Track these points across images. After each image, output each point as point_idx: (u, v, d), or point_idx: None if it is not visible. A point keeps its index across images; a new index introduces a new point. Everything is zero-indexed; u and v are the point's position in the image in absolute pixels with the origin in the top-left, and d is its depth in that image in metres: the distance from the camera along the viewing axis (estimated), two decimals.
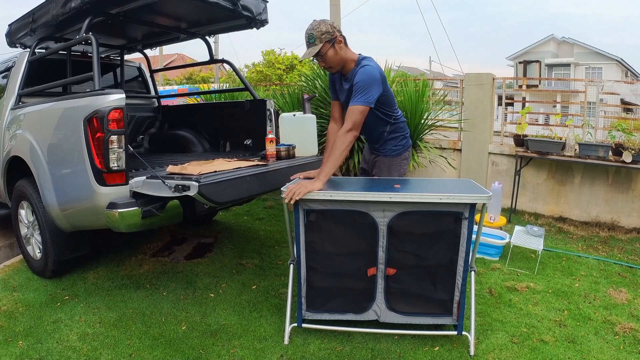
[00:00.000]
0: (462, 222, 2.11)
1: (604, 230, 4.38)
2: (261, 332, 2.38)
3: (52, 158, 2.65)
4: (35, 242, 3.04)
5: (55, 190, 2.64)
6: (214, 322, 2.48)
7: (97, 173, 2.33)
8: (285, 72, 16.88)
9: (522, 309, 2.64)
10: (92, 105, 2.33)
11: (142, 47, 4.24)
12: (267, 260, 3.40)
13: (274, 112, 3.62)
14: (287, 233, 2.45)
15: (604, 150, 4.22)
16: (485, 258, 3.47)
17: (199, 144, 4.05)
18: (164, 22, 3.49)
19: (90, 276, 3.06)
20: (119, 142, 2.33)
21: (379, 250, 2.20)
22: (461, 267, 2.17)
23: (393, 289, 2.25)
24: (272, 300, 2.73)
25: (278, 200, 5.29)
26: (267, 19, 3.38)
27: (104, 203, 2.35)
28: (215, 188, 2.24)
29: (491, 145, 5.26)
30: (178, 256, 3.49)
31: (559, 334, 2.37)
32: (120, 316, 2.54)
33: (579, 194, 4.72)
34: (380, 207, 2.13)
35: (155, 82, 4.64)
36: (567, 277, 3.15)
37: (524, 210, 5.04)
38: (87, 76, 2.58)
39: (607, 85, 5.73)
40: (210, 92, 6.01)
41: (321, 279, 2.28)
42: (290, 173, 2.61)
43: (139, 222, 2.36)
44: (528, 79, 12.95)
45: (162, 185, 2.23)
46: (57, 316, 2.53)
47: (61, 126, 2.58)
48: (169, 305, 2.67)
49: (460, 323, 2.24)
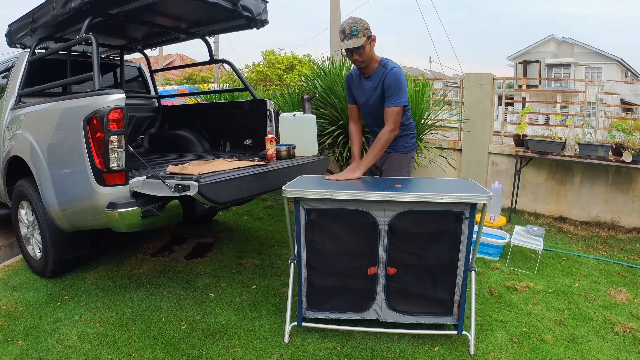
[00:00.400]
0: (463, 221, 2.11)
1: (604, 230, 4.38)
2: (261, 331, 2.38)
3: (52, 158, 2.65)
4: (35, 241, 3.04)
5: (55, 190, 2.64)
6: (214, 321, 2.48)
7: (97, 173, 2.33)
8: (285, 72, 16.89)
9: (522, 309, 2.64)
10: (92, 105, 2.33)
11: (142, 47, 4.24)
12: (267, 260, 3.40)
13: (274, 112, 3.62)
14: (288, 232, 2.45)
15: (604, 150, 4.22)
16: (486, 258, 3.47)
17: (199, 144, 4.05)
18: (164, 22, 3.49)
19: (90, 276, 3.06)
20: (119, 142, 2.33)
21: (379, 250, 2.20)
22: (461, 266, 2.18)
23: (393, 288, 2.25)
24: (272, 300, 2.73)
25: (278, 200, 5.30)
26: (267, 19, 3.39)
27: (104, 203, 2.35)
28: (215, 188, 2.24)
29: (491, 145, 5.26)
30: (178, 256, 3.49)
31: (559, 334, 2.37)
32: (120, 316, 2.54)
33: (579, 194, 4.72)
34: (381, 206, 2.13)
35: (155, 82, 4.64)
36: (567, 277, 3.15)
37: (524, 210, 5.04)
38: (87, 76, 2.58)
39: (607, 85, 5.73)
40: (210, 92, 6.01)
41: (322, 278, 2.28)
42: (290, 173, 2.61)
43: (139, 222, 2.36)
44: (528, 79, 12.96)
45: (162, 185, 2.23)
46: (57, 316, 2.53)
47: (61, 126, 2.58)
48: (169, 305, 2.67)
49: (460, 322, 2.24)
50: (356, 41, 2.41)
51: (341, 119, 4.33)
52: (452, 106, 5.95)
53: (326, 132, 4.25)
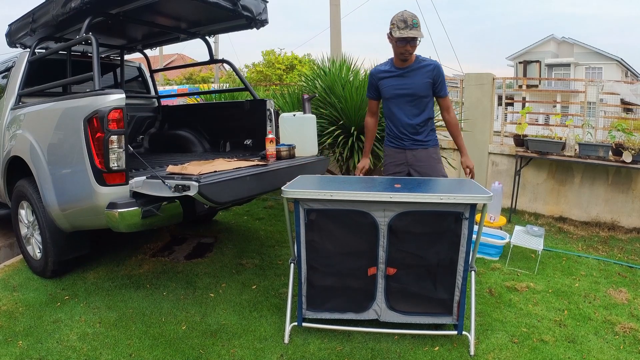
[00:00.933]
0: (463, 222, 2.11)
1: (604, 230, 4.38)
2: (261, 331, 2.38)
3: (52, 158, 2.66)
4: (35, 242, 3.04)
5: (55, 190, 2.64)
6: (214, 322, 2.49)
7: (97, 173, 2.34)
8: (285, 72, 16.90)
9: (522, 309, 2.65)
10: (92, 105, 2.33)
11: (142, 47, 4.24)
12: (267, 260, 3.40)
13: (274, 112, 3.62)
14: (288, 232, 2.45)
15: (604, 150, 4.22)
16: (485, 258, 3.47)
17: (199, 144, 4.05)
18: (164, 22, 3.49)
19: (90, 276, 3.06)
20: (119, 142, 2.33)
21: (379, 250, 2.20)
22: (461, 267, 2.18)
23: (393, 289, 2.25)
24: (272, 300, 2.73)
25: (278, 200, 5.30)
26: (267, 19, 3.39)
27: (104, 203, 2.35)
28: (216, 188, 2.24)
29: (491, 145, 5.26)
30: (178, 256, 3.49)
31: (559, 334, 2.37)
32: (120, 316, 2.54)
33: (579, 194, 4.72)
34: (380, 206, 2.13)
35: (155, 82, 4.64)
36: (567, 277, 3.15)
37: (524, 210, 5.04)
38: (87, 76, 2.58)
39: (607, 85, 5.74)
40: (210, 92, 6.00)
41: (321, 278, 2.29)
42: (290, 173, 2.61)
43: (139, 222, 2.36)
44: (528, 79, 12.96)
45: (162, 185, 2.24)
46: (57, 316, 2.53)
47: (61, 126, 2.59)
48: (169, 305, 2.67)
49: (460, 323, 2.24)
50: (418, 33, 2.49)
51: (341, 119, 4.34)
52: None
53: (326, 132, 4.25)
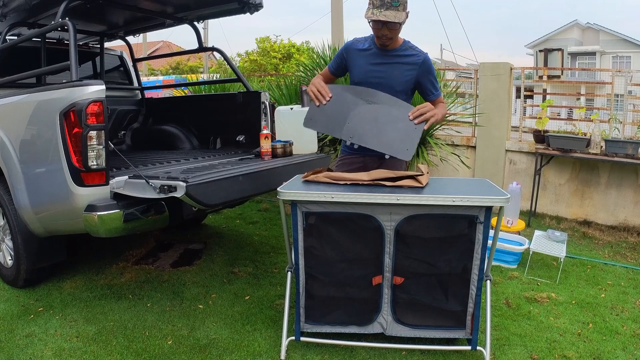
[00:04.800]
0: (477, 226, 2.11)
1: (632, 235, 4.39)
2: (255, 347, 2.38)
3: (24, 156, 2.66)
4: (6, 248, 3.04)
5: (28, 191, 2.64)
6: (203, 336, 2.49)
7: (74, 172, 2.34)
8: (282, 62, 16.92)
9: (543, 322, 2.65)
10: (69, 97, 2.33)
11: (124, 33, 4.25)
12: (261, 268, 3.40)
13: (269, 106, 3.63)
14: (285, 238, 2.46)
15: (633, 148, 4.23)
16: (502, 266, 3.47)
17: (186, 141, 4.06)
18: (147, 5, 3.49)
19: (66, 286, 3.07)
20: (98, 138, 2.33)
21: (385, 257, 2.20)
22: (475, 275, 2.18)
23: (400, 300, 2.26)
24: (267, 312, 2.74)
25: (274, 202, 5.30)
26: (261, 3, 3.40)
27: (81, 205, 2.35)
28: (205, 189, 2.24)
29: (508, 142, 5.27)
30: (163, 264, 3.50)
31: (583, 349, 2.37)
32: (100, 330, 2.54)
33: (605, 196, 4.73)
34: (386, 209, 2.13)
35: (139, 73, 4.65)
36: (592, 287, 3.16)
37: (545, 214, 5.04)
38: (63, 66, 2.58)
39: (637, 75, 5.74)
40: (199, 84, 6.03)
41: (322, 288, 2.29)
42: (287, 172, 2.61)
43: (121, 227, 2.37)
44: (549, 69, 12.98)
45: (146, 185, 2.24)
46: (31, 329, 2.53)
47: (35, 121, 2.59)
48: (153, 318, 2.67)
49: (474, 337, 2.24)
50: (397, 15, 2.14)
51: None
52: (466, 99, 5.96)
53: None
